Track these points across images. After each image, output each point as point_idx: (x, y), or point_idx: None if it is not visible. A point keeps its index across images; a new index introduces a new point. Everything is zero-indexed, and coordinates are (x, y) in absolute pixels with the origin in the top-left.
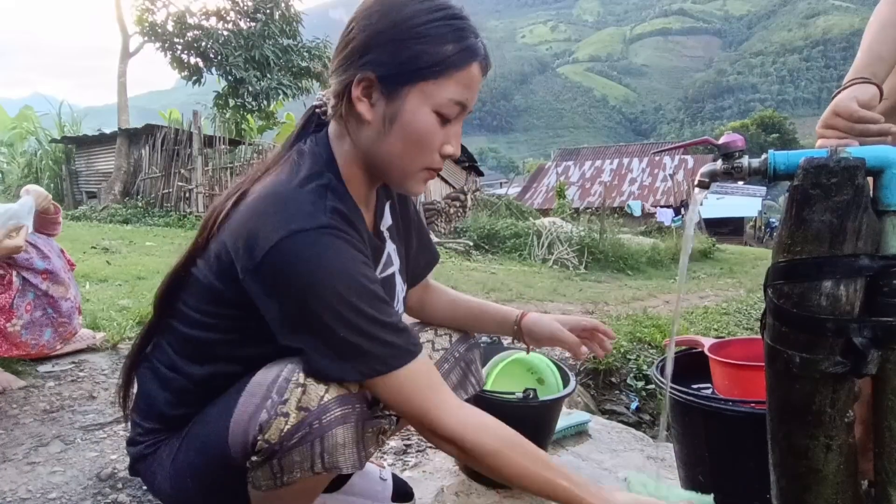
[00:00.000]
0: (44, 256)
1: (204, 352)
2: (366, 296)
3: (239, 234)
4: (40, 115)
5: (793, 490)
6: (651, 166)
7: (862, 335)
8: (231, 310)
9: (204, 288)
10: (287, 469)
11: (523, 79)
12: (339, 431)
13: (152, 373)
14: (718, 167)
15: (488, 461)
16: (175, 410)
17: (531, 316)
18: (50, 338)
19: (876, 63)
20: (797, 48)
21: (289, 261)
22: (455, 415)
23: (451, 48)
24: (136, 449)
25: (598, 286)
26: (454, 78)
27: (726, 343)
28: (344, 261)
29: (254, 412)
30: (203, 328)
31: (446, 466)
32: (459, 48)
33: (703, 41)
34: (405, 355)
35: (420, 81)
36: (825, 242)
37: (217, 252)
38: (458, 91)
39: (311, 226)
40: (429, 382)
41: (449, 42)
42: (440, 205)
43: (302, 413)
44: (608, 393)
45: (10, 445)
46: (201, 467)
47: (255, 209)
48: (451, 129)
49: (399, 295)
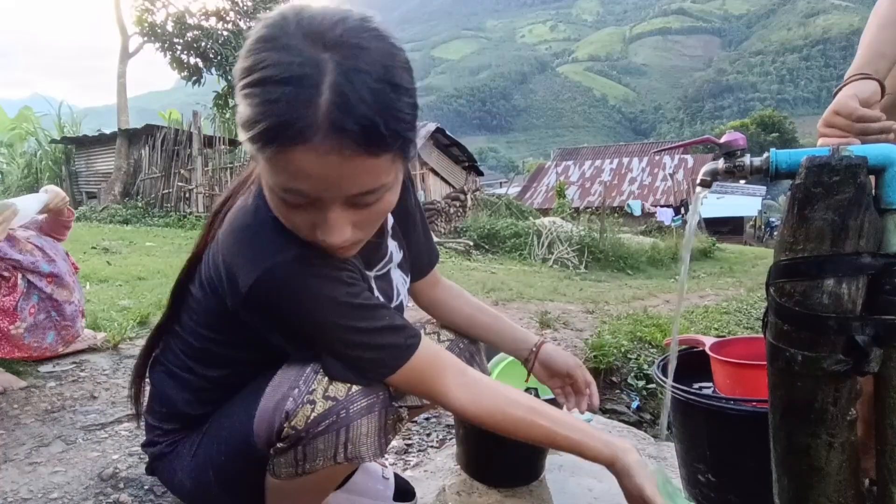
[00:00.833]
0: (49, 260)
1: (217, 358)
2: (354, 311)
3: (220, 267)
4: (40, 115)
5: (794, 488)
6: (651, 166)
7: (864, 333)
8: (233, 325)
9: (203, 307)
10: (310, 457)
11: (523, 78)
12: (364, 421)
13: (167, 375)
14: (720, 166)
15: (495, 427)
16: (196, 410)
17: (549, 346)
18: (53, 341)
19: (877, 60)
20: (797, 47)
21: (270, 298)
22: (458, 395)
23: (259, 127)
24: (156, 449)
25: (599, 285)
26: (271, 161)
27: (727, 342)
28: (321, 286)
29: (280, 400)
30: (212, 342)
31: (448, 466)
32: (264, 128)
33: (703, 40)
34: (406, 352)
35: (257, 151)
36: (827, 241)
37: (208, 278)
38: (283, 178)
39: (281, 259)
40: (433, 370)
41: (256, 117)
42: (440, 204)
43: (329, 402)
44: (609, 392)
45: (11, 446)
46: (223, 459)
47: (228, 244)
48: (319, 214)
49: (400, 288)
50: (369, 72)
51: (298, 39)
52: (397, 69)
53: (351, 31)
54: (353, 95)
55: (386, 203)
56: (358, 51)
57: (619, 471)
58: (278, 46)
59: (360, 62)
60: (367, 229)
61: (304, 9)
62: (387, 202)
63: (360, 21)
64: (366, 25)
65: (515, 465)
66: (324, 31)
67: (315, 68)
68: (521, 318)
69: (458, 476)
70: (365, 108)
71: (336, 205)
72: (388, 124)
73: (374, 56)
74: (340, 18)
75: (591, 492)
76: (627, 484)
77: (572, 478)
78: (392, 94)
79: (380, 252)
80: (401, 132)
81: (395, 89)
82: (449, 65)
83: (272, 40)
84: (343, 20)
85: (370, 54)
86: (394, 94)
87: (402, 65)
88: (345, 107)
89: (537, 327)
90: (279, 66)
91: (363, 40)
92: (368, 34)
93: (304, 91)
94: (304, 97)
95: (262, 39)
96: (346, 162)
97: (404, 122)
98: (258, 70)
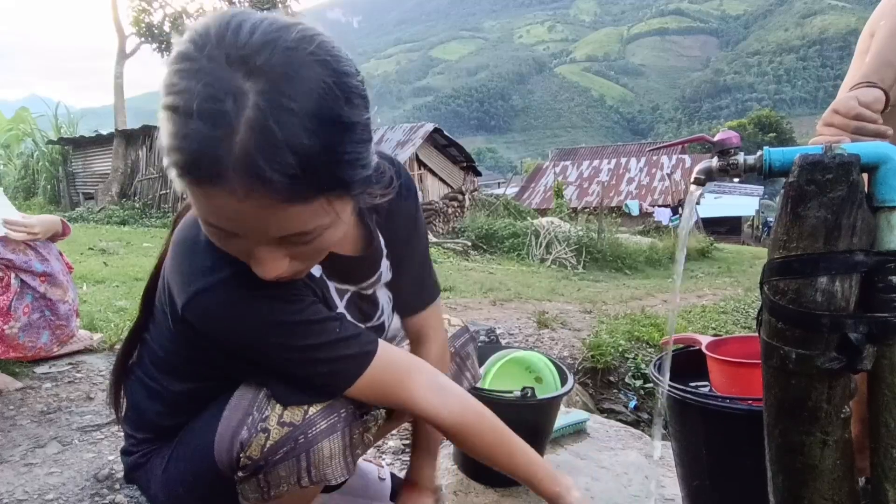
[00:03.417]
0: (42, 259)
1: (181, 371)
2: (297, 329)
3: (165, 280)
4: (37, 116)
5: (789, 486)
6: (649, 166)
7: (857, 331)
8: (189, 340)
9: (162, 318)
10: (273, 483)
11: (521, 79)
12: (326, 444)
13: (139, 384)
14: (714, 164)
15: (462, 436)
16: (166, 421)
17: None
18: (47, 340)
19: (884, 68)
20: (794, 48)
21: (206, 322)
22: (426, 398)
23: (172, 158)
24: (131, 459)
25: (596, 286)
26: (189, 191)
27: (723, 341)
28: (258, 307)
29: (235, 428)
30: (175, 355)
31: (444, 466)
32: (176, 161)
33: (700, 41)
34: (362, 361)
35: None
36: (820, 238)
37: (161, 288)
38: (202, 212)
39: (213, 280)
40: (396, 375)
41: (169, 146)
42: (438, 205)
43: (285, 428)
44: (606, 392)
45: (7, 447)
46: (192, 478)
47: (169, 258)
48: (249, 247)
49: (385, 307)
50: (298, 108)
51: (218, 63)
52: (337, 101)
53: (282, 54)
54: (274, 137)
55: (326, 241)
56: (287, 81)
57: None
58: (193, 70)
59: (287, 95)
60: (309, 262)
61: (233, 21)
62: (327, 240)
63: (296, 41)
64: (302, 48)
65: None
66: (250, 53)
67: (232, 102)
68: (519, 318)
69: (455, 476)
70: (288, 153)
71: (262, 244)
72: (318, 171)
73: (308, 86)
74: (272, 38)
75: (589, 491)
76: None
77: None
78: (327, 133)
79: (370, 269)
80: (339, 175)
81: (332, 127)
82: (447, 65)
83: (189, 60)
84: (275, 41)
85: (302, 85)
86: (329, 133)
87: (346, 94)
88: (264, 151)
89: (535, 327)
90: (192, 96)
91: (295, 67)
92: (303, 59)
93: (217, 129)
94: (217, 135)
95: (181, 57)
96: (265, 209)
97: (343, 163)
98: (172, 94)
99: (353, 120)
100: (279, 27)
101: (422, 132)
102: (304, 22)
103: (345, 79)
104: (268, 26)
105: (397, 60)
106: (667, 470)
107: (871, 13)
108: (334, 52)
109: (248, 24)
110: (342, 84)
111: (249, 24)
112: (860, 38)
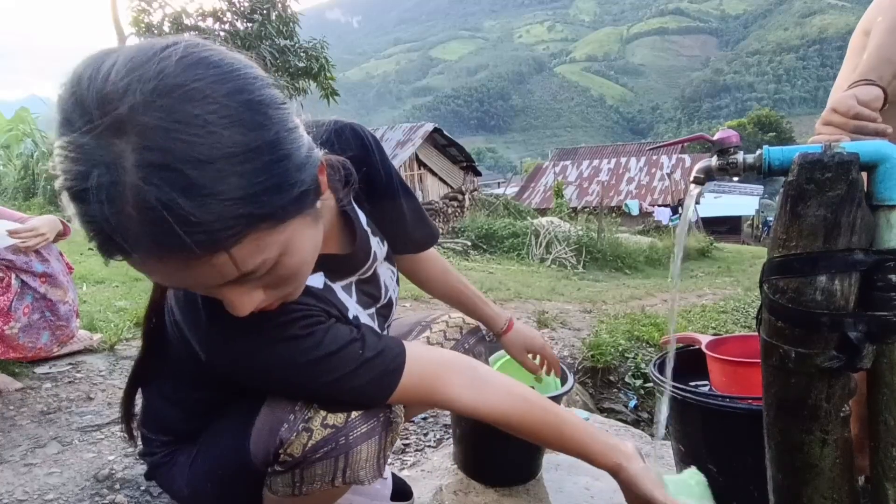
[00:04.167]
0: (43, 260)
1: (202, 380)
2: (320, 366)
3: (176, 316)
4: (36, 117)
5: (789, 485)
6: (649, 165)
7: (856, 330)
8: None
9: (176, 346)
10: (308, 480)
11: (520, 79)
12: (364, 447)
13: (157, 392)
14: (713, 163)
15: (507, 425)
16: (189, 425)
17: (520, 322)
18: (47, 341)
19: (883, 66)
20: (793, 47)
21: (232, 371)
22: (465, 396)
23: (87, 235)
24: (153, 458)
25: (597, 285)
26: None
27: (723, 340)
28: (276, 353)
29: (275, 424)
30: (195, 371)
31: (445, 465)
32: (96, 245)
33: (700, 40)
34: (393, 377)
35: None
36: (819, 237)
37: (171, 322)
38: (145, 274)
39: (223, 335)
40: (430, 379)
41: (80, 222)
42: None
43: (328, 430)
44: (606, 391)
45: (7, 447)
46: (220, 472)
47: (174, 300)
48: (212, 293)
49: (388, 283)
50: (175, 163)
51: (88, 130)
52: (229, 130)
53: (143, 99)
54: (161, 205)
55: (291, 265)
56: (157, 133)
57: (624, 480)
58: (71, 144)
59: (160, 151)
60: (287, 286)
61: (105, 62)
62: (292, 265)
63: (155, 77)
64: (164, 84)
65: (512, 464)
66: (115, 99)
67: (114, 173)
68: (519, 318)
69: (456, 475)
70: (180, 216)
71: (221, 287)
72: (225, 217)
73: (183, 133)
74: (135, 78)
75: (588, 490)
76: (635, 493)
77: (569, 477)
78: (222, 174)
79: (364, 256)
80: (255, 211)
81: (229, 165)
82: (446, 65)
83: (67, 125)
84: (135, 81)
85: (175, 134)
86: (227, 173)
87: (239, 118)
88: (156, 222)
89: (535, 326)
90: (76, 178)
91: (157, 114)
92: (166, 100)
93: (105, 207)
94: (107, 215)
95: (60, 123)
96: (193, 266)
97: (256, 197)
98: (61, 175)
99: (254, 144)
100: (145, 55)
101: (421, 132)
102: (180, 39)
103: (236, 98)
104: (124, 64)
105: (397, 60)
106: (667, 469)
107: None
108: (217, 66)
109: (105, 67)
110: (232, 107)
111: (105, 69)
112: (853, 36)
